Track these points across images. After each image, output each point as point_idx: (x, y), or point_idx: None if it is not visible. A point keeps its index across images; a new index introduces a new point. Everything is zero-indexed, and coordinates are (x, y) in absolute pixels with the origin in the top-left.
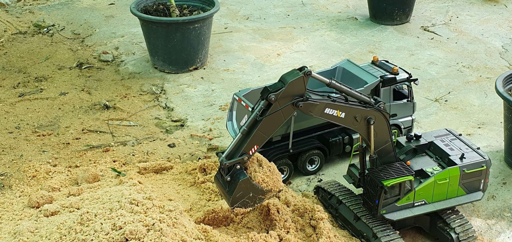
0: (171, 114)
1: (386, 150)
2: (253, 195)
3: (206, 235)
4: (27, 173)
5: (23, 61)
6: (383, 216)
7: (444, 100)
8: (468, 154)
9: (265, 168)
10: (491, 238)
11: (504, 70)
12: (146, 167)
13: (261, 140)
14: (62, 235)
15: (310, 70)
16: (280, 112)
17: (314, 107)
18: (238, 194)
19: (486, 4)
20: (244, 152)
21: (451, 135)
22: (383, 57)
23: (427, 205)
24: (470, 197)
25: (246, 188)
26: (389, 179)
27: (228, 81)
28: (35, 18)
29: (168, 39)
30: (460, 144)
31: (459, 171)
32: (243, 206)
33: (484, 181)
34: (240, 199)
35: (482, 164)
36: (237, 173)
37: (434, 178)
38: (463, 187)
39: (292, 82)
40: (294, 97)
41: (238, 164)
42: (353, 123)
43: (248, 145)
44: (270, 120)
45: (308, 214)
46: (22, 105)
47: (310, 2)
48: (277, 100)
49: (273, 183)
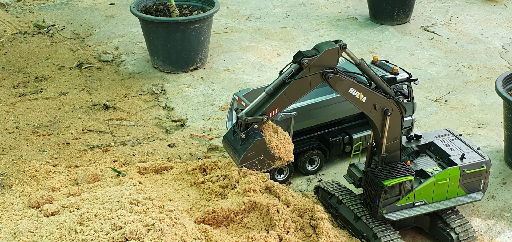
0: (171, 114)
1: (393, 147)
2: (263, 159)
3: (206, 235)
4: (27, 173)
5: (23, 61)
6: (383, 216)
7: (444, 100)
8: (468, 154)
9: (280, 135)
10: (491, 238)
11: (504, 70)
12: (146, 167)
13: (284, 103)
14: (62, 235)
15: (345, 44)
16: (307, 80)
17: (342, 83)
18: (250, 153)
19: (486, 4)
20: (264, 112)
21: (451, 135)
22: (383, 57)
23: (427, 205)
24: (470, 197)
25: (259, 149)
26: (389, 179)
27: (228, 81)
28: (35, 18)
29: (168, 39)
30: (460, 144)
31: (459, 171)
32: (251, 167)
33: (484, 181)
34: (250, 159)
35: (482, 164)
36: (253, 132)
37: (435, 178)
38: (463, 187)
39: (327, 51)
40: (325, 67)
41: (256, 123)
42: (371, 110)
43: (270, 105)
44: (297, 85)
45: (308, 214)
46: (22, 105)
47: (310, 2)
48: (309, 66)
49: (285, 151)
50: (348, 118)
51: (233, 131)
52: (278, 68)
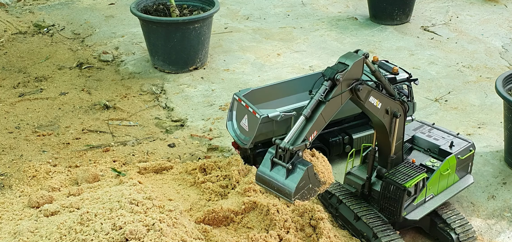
0: (171, 114)
1: (396, 148)
2: (311, 186)
3: (206, 235)
4: (27, 173)
5: (23, 61)
6: (405, 219)
7: (444, 100)
8: (455, 141)
9: (320, 159)
10: (491, 238)
11: (504, 70)
12: (146, 167)
13: (321, 124)
14: (62, 235)
15: (368, 53)
16: (340, 96)
17: (368, 93)
18: (301, 183)
19: (486, 4)
20: (305, 138)
21: (425, 126)
22: (383, 57)
23: (435, 198)
24: (464, 183)
25: (308, 177)
26: (409, 180)
27: (228, 81)
28: (35, 18)
29: (168, 39)
30: (440, 133)
31: (455, 159)
32: (301, 198)
33: (471, 164)
34: (301, 190)
35: (470, 148)
36: (297, 160)
37: (439, 170)
38: (458, 173)
39: (356, 63)
40: (354, 80)
41: (300, 150)
42: (384, 115)
43: (310, 130)
44: (332, 103)
45: (308, 214)
46: (22, 105)
47: (310, 2)
48: (341, 82)
49: (328, 174)
50: (348, 118)
51: (270, 163)
52: (278, 68)
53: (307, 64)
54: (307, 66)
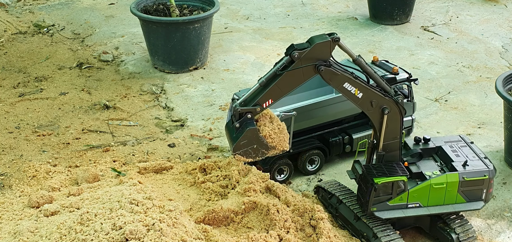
0: (171, 114)
1: (392, 146)
2: (257, 147)
3: (206, 235)
4: (27, 173)
5: (23, 61)
6: (373, 214)
7: (444, 100)
8: (472, 162)
9: (274, 125)
10: (491, 238)
11: (504, 70)
12: (146, 167)
13: (277, 94)
14: (62, 235)
15: (338, 37)
16: (300, 72)
17: (335, 76)
18: (243, 142)
19: (486, 4)
20: (258, 103)
21: (462, 142)
22: (383, 57)
23: (422, 208)
24: (469, 206)
25: (252, 138)
26: (381, 177)
27: (228, 81)
28: (35, 18)
29: (168, 39)
30: (468, 152)
31: (458, 178)
32: (245, 155)
33: (487, 191)
34: (243, 147)
35: (485, 174)
36: (246, 121)
37: (430, 182)
38: (462, 194)
39: (319, 44)
40: (318, 60)
41: (250, 113)
42: (368, 107)
43: (263, 97)
44: (289, 77)
45: (308, 214)
46: (22, 105)
47: (310, 2)
48: (300, 59)
49: (279, 141)
50: (348, 118)
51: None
52: None
53: None
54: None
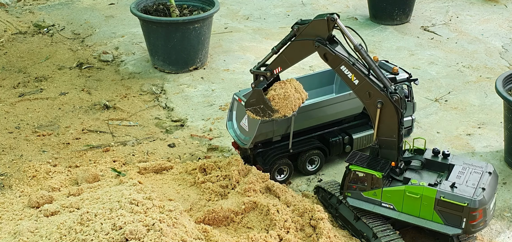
0: (171, 114)
1: (388, 143)
2: (264, 108)
3: (206, 235)
4: (27, 173)
5: (23, 61)
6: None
7: (444, 100)
8: (462, 186)
9: (281, 91)
10: (491, 238)
11: (504, 70)
12: (146, 167)
13: (284, 63)
14: (62, 235)
15: (335, 17)
16: (301, 46)
17: (330, 55)
18: (252, 100)
19: (486, 4)
20: (268, 69)
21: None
22: (383, 57)
23: (395, 211)
24: (444, 228)
25: (258, 99)
26: (358, 166)
27: (228, 81)
28: (35, 18)
29: (168, 39)
30: (476, 178)
31: (436, 195)
32: (254, 112)
33: (467, 221)
34: (252, 105)
35: (464, 201)
36: (259, 83)
37: (404, 188)
38: (439, 214)
39: (316, 21)
40: (317, 36)
41: (262, 76)
42: (365, 96)
43: (273, 63)
44: (292, 49)
45: (308, 214)
46: (22, 105)
47: (310, 2)
48: (299, 33)
49: (282, 106)
50: (348, 119)
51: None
52: None
53: (307, 64)
54: (307, 66)
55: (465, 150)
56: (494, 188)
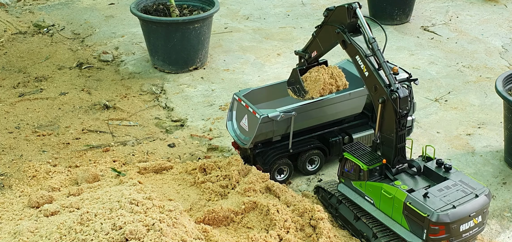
0: (171, 114)
1: (388, 141)
2: (299, 87)
3: (206, 235)
4: (27, 173)
5: (23, 61)
6: (339, 182)
7: (444, 100)
8: (435, 198)
9: (314, 74)
10: (491, 238)
11: (504, 70)
12: (146, 167)
13: (317, 48)
14: (62, 235)
15: (354, 6)
16: (328, 31)
17: (347, 45)
18: (290, 79)
19: (486, 4)
20: (307, 51)
21: (474, 189)
22: None
23: (373, 207)
24: (407, 235)
25: (295, 78)
26: (351, 155)
27: (228, 81)
28: (35, 18)
29: (168, 39)
30: (459, 195)
31: (404, 199)
32: (293, 92)
33: (427, 233)
34: (292, 84)
35: (426, 212)
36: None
37: (381, 185)
38: (407, 219)
39: (338, 8)
40: (340, 24)
41: (302, 57)
42: (372, 89)
43: (310, 46)
44: (323, 34)
45: (308, 214)
46: (22, 105)
47: (310, 2)
48: (328, 19)
49: (311, 88)
50: (348, 118)
51: None
52: (278, 68)
53: None
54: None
55: (465, 150)
56: (470, 211)
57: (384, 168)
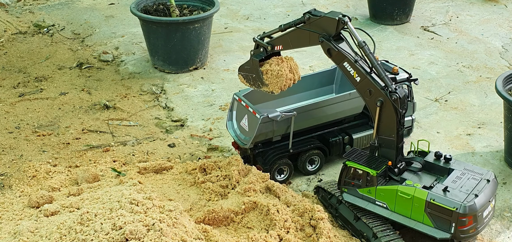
0: (171, 114)
1: (387, 142)
2: (255, 77)
3: (206, 235)
4: (27, 173)
5: (23, 61)
6: (343, 193)
7: (444, 100)
8: (455, 190)
9: (276, 68)
10: (491, 238)
11: (504, 70)
12: (146, 167)
13: (286, 44)
14: (62, 235)
15: (346, 21)
16: (307, 35)
17: (333, 51)
18: (246, 66)
19: (486, 4)
20: (271, 43)
21: (482, 175)
22: (383, 57)
23: (387, 211)
24: (433, 232)
25: (252, 67)
26: (354, 162)
27: (228, 81)
28: (35, 18)
29: (168, 39)
30: (472, 184)
31: (426, 197)
32: (245, 79)
33: (456, 226)
34: (245, 71)
35: (454, 206)
36: (258, 53)
37: (397, 188)
38: (430, 217)
39: (326, 18)
40: (324, 32)
41: (263, 47)
42: (366, 94)
43: (276, 40)
44: (298, 34)
45: (308, 214)
46: (22, 105)
47: (310, 2)
48: (309, 23)
49: (271, 83)
50: (348, 118)
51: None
52: None
53: (307, 64)
54: (307, 66)
55: (465, 150)
56: (489, 196)
57: (387, 170)
